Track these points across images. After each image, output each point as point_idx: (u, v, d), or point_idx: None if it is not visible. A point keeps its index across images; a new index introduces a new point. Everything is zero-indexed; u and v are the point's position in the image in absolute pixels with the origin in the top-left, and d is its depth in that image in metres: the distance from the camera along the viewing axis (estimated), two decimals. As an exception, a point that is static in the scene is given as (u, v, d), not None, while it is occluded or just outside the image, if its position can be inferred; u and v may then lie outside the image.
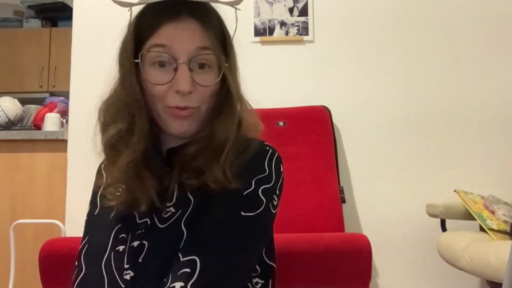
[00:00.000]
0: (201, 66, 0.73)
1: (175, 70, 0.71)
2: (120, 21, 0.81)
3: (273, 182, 0.76)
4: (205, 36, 0.73)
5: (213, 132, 0.74)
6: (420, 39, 2.26)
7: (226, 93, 0.76)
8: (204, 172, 0.72)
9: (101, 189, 0.82)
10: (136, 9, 0.76)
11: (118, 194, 0.76)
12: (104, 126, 0.77)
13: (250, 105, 0.82)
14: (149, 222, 0.74)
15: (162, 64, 0.72)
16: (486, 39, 2.24)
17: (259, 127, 0.83)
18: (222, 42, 0.76)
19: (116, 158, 0.74)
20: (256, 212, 0.72)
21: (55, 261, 1.35)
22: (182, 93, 0.71)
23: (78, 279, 0.76)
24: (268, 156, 0.78)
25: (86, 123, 0.80)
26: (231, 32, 0.80)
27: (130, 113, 0.73)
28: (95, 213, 0.82)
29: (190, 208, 0.73)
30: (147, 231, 0.73)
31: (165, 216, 0.73)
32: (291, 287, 1.35)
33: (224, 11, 0.82)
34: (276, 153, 0.80)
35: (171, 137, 0.78)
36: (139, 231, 0.74)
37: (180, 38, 0.71)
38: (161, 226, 0.73)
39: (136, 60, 0.73)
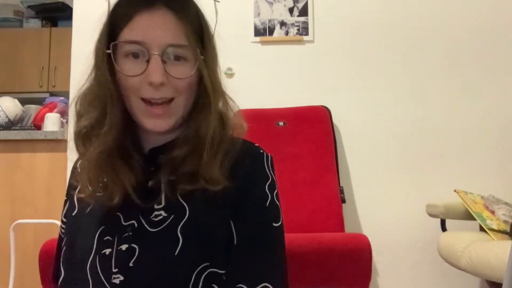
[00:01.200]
0: (177, 58, 0.71)
1: (148, 61, 0.69)
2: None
3: (276, 186, 0.77)
4: (180, 28, 0.70)
5: (197, 130, 0.73)
6: (420, 39, 2.26)
7: (205, 88, 0.73)
8: (197, 176, 0.71)
9: (78, 188, 0.79)
10: None
11: (89, 186, 0.74)
12: (78, 116, 0.75)
13: (234, 102, 0.79)
14: (136, 225, 0.72)
15: (135, 55, 0.70)
16: (487, 41, 2.24)
17: (244, 127, 0.81)
18: (200, 35, 0.73)
19: (87, 149, 0.73)
20: (281, 220, 0.75)
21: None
22: (154, 84, 0.69)
23: (59, 283, 0.75)
24: (264, 160, 0.77)
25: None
26: (219, 27, 0.78)
27: (103, 103, 0.72)
28: (73, 214, 0.80)
29: (186, 216, 0.71)
30: (136, 234, 0.71)
31: (156, 220, 0.71)
32: (291, 287, 1.35)
33: (224, 10, 0.81)
34: (270, 156, 0.79)
35: (152, 135, 0.76)
36: (126, 234, 0.71)
37: (153, 29, 0.69)
38: (152, 230, 0.71)
39: (108, 51, 0.71)
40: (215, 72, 0.75)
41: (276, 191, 0.76)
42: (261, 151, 0.78)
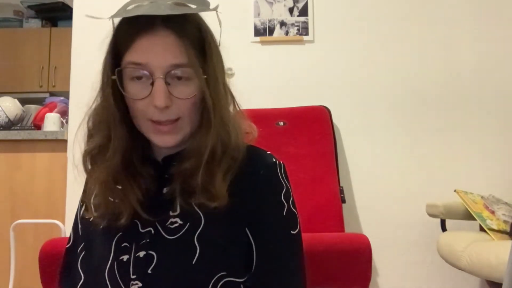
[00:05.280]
0: (179, 78, 0.72)
1: (152, 84, 0.70)
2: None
3: (291, 194, 0.79)
4: (181, 50, 0.71)
5: (200, 146, 0.74)
6: (420, 39, 2.26)
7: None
8: (207, 189, 0.72)
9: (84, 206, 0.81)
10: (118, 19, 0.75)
11: (97, 209, 0.76)
12: (89, 135, 0.77)
13: (241, 112, 0.81)
14: (153, 232, 0.73)
15: (139, 78, 0.72)
16: (486, 41, 2.24)
17: (254, 133, 0.82)
18: (201, 52, 0.73)
19: (94, 171, 0.76)
20: (299, 226, 0.78)
21: (55, 261, 1.34)
22: (159, 108, 0.70)
23: (78, 286, 0.76)
24: (278, 169, 0.79)
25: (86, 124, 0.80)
26: (216, 35, 0.78)
27: (107, 127, 0.74)
28: (91, 220, 0.80)
29: (202, 224, 0.72)
30: (153, 241, 0.72)
31: (172, 227, 0.73)
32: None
33: (224, 10, 0.81)
34: (283, 164, 0.80)
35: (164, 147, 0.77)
36: (144, 241, 0.73)
37: (155, 53, 0.70)
38: (170, 237, 0.72)
39: (113, 77, 0.72)
40: (217, 88, 0.75)
41: (291, 198, 0.78)
42: (274, 160, 0.79)
